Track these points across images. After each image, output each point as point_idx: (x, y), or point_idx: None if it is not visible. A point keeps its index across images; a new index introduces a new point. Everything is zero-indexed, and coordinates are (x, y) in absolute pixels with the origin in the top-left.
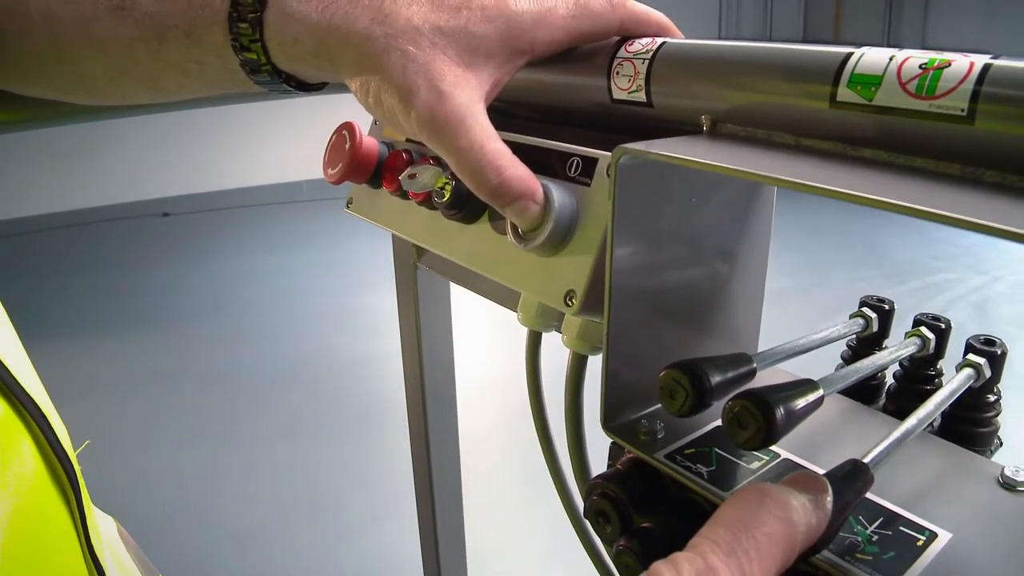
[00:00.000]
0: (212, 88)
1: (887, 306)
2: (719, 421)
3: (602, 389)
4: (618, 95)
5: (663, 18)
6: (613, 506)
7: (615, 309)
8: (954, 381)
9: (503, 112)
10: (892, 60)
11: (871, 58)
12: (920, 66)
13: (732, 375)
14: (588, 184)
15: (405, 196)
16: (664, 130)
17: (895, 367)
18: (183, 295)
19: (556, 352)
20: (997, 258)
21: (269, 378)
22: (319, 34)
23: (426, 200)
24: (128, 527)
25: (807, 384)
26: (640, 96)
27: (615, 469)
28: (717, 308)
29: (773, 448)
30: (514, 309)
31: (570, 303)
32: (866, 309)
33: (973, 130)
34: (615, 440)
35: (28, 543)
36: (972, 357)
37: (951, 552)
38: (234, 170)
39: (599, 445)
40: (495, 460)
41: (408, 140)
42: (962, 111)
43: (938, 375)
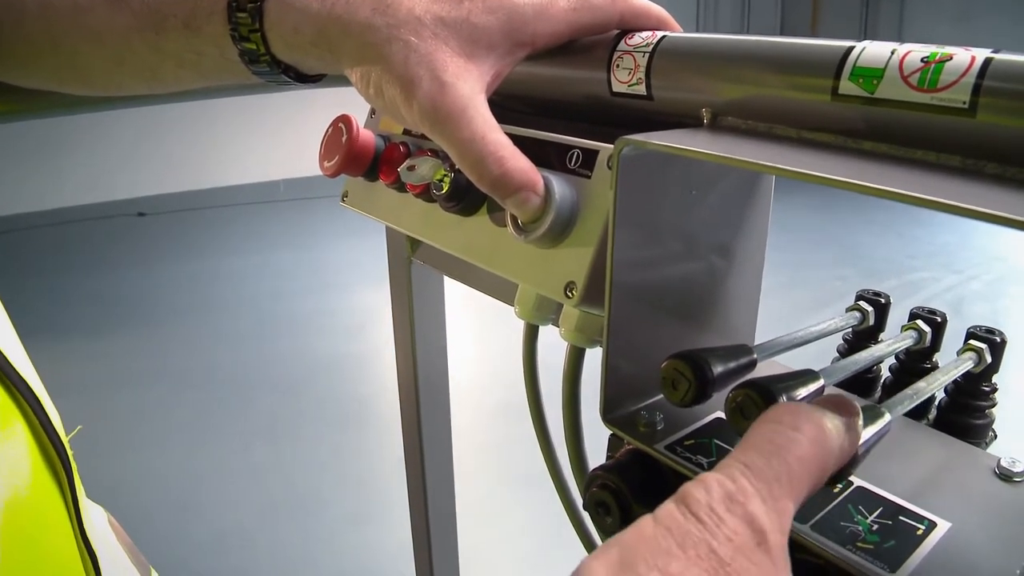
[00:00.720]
0: (210, 79)
1: (883, 300)
2: (718, 413)
3: (602, 381)
4: (618, 88)
5: (663, 12)
6: (613, 497)
7: (615, 300)
8: (956, 363)
9: (502, 106)
10: (894, 54)
11: (873, 52)
12: (922, 59)
13: (733, 366)
14: (588, 176)
15: (402, 189)
16: (664, 123)
17: (890, 360)
18: (159, 296)
19: (549, 348)
20: (971, 257)
21: (247, 379)
22: (320, 23)
23: (424, 192)
24: None
25: (809, 374)
26: (640, 89)
27: (615, 460)
28: (715, 301)
29: None
30: (510, 303)
31: (570, 295)
32: (863, 303)
33: (974, 123)
34: (615, 432)
35: (21, 524)
36: (974, 343)
37: (950, 541)
38: (210, 169)
39: (594, 439)
40: (485, 456)
41: (405, 132)
42: (964, 104)
43: (934, 368)
